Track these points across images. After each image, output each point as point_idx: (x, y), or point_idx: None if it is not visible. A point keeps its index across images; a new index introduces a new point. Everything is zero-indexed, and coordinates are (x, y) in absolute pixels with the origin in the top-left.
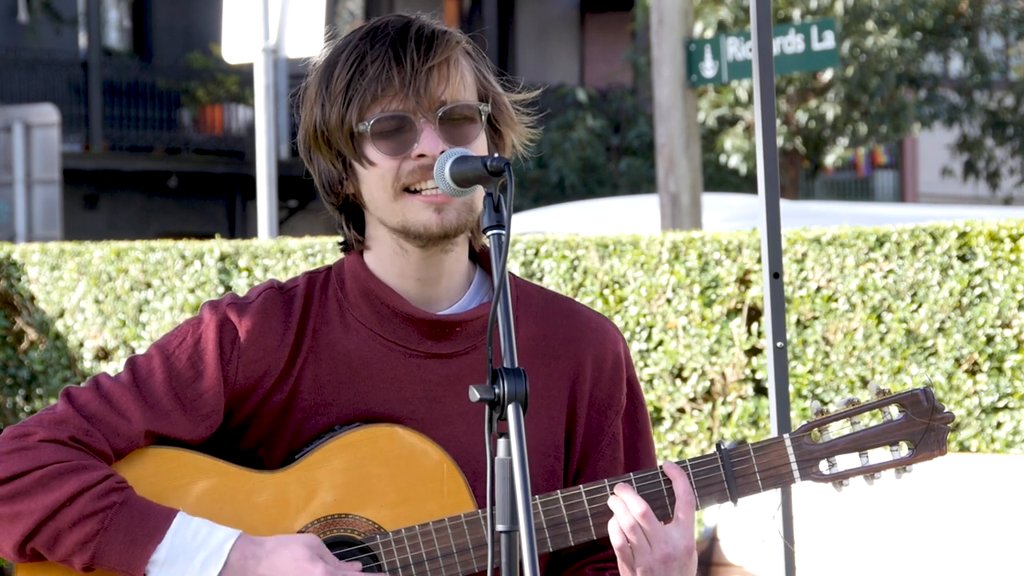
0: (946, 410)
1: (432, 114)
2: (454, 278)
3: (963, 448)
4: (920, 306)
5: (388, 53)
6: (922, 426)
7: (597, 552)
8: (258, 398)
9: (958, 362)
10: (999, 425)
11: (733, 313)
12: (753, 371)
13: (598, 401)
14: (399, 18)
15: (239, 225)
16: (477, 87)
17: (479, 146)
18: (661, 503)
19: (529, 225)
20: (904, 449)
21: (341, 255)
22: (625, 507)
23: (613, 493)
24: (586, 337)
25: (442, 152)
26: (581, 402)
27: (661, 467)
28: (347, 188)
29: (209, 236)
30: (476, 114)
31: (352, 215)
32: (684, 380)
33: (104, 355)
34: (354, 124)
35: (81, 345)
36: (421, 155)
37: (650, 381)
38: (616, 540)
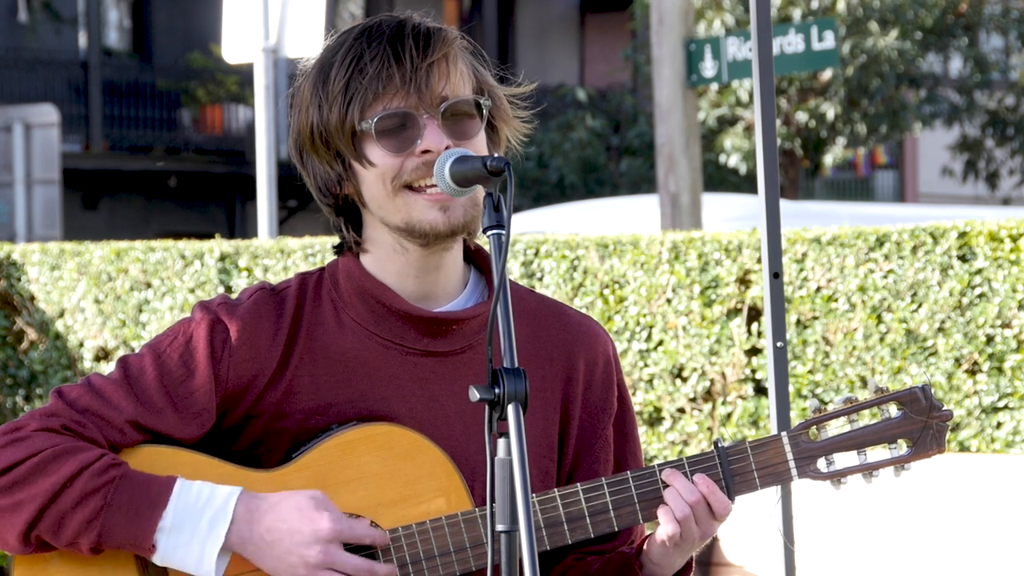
0: (944, 408)
1: (434, 110)
2: (452, 275)
3: (963, 448)
4: (920, 306)
5: (387, 51)
6: (920, 424)
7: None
8: (252, 398)
9: (958, 362)
10: (999, 425)
11: (733, 313)
12: (753, 371)
13: (591, 405)
14: (392, 17)
15: (239, 225)
16: (474, 82)
17: (480, 141)
18: (659, 501)
19: (529, 225)
20: (903, 447)
21: None
22: (678, 494)
23: (607, 489)
24: (578, 340)
25: (447, 148)
26: (574, 404)
27: (661, 471)
28: (345, 189)
29: (209, 236)
30: (477, 109)
31: (350, 217)
32: (684, 380)
33: (104, 355)
34: (356, 123)
35: (81, 345)
36: (425, 151)
37: (650, 381)
38: (670, 528)
